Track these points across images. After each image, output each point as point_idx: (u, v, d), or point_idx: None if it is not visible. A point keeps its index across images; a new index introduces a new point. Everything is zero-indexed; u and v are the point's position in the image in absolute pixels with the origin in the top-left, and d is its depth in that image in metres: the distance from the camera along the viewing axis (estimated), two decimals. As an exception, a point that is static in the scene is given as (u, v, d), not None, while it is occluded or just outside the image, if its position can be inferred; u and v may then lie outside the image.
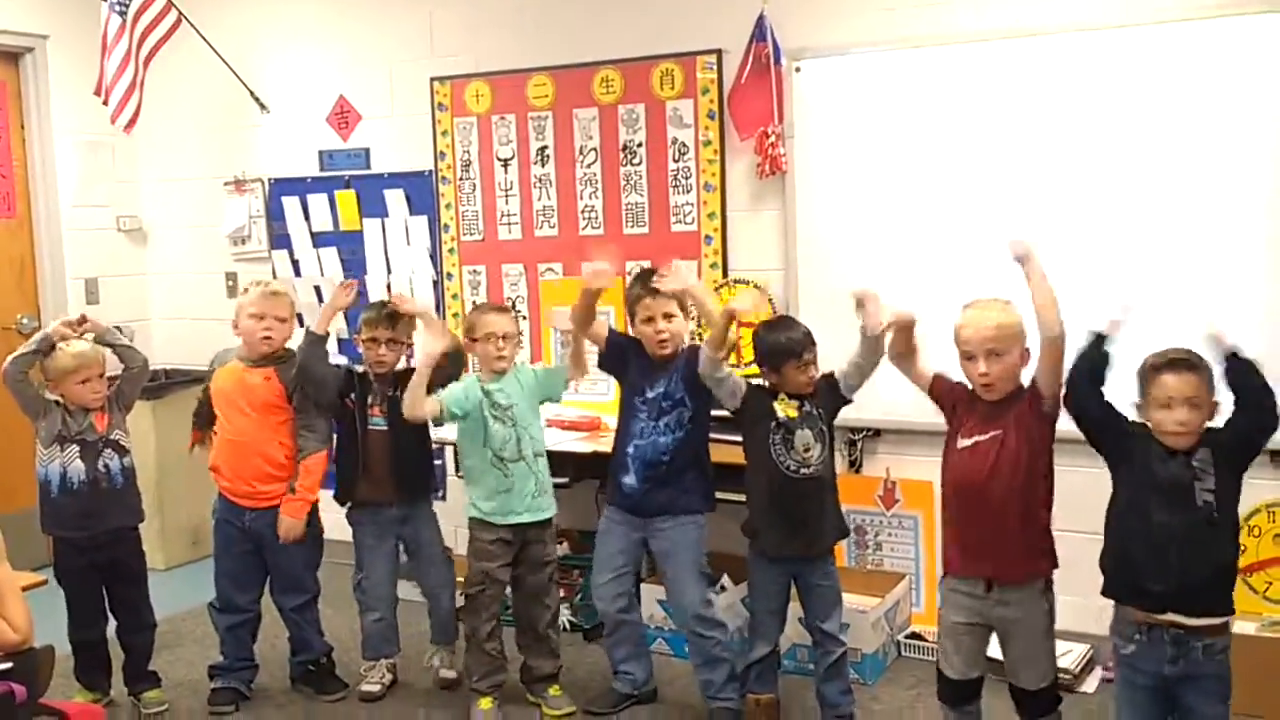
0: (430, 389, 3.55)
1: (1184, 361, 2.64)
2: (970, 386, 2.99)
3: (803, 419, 3.34)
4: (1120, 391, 2.75)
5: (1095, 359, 2.73)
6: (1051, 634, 2.98)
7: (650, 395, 3.56)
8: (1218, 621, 2.64)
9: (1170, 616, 2.62)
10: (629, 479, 3.58)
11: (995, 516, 2.89)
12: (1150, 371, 2.67)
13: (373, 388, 3.85)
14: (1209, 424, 2.65)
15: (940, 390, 3.08)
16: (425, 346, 3.63)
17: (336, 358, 5.25)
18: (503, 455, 3.59)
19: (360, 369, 3.92)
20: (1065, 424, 2.98)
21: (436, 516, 4.01)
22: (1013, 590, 2.92)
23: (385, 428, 3.82)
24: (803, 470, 3.34)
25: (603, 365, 3.76)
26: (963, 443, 2.95)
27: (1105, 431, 2.75)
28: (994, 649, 3.03)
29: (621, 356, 3.65)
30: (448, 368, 3.64)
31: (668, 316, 3.53)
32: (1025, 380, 2.95)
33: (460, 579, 3.92)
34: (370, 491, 3.87)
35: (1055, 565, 2.98)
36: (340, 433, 3.90)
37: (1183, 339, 2.71)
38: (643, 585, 4.08)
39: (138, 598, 3.81)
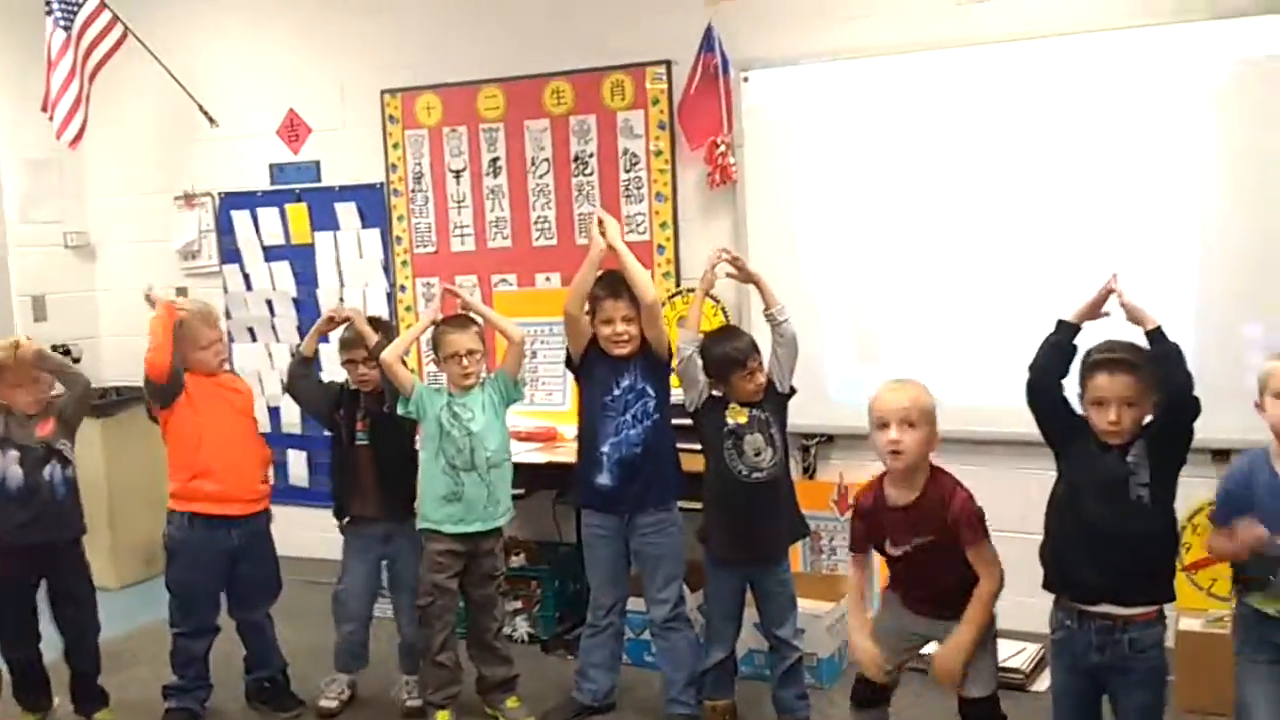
0: None
1: (1121, 361, 2.66)
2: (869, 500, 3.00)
3: (752, 424, 3.38)
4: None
5: (1065, 349, 2.76)
6: (993, 643, 3.02)
7: (617, 392, 3.58)
8: (1150, 610, 2.68)
9: (1104, 608, 2.67)
10: (603, 478, 3.58)
11: (939, 586, 2.93)
12: (1087, 369, 2.71)
13: (359, 404, 3.87)
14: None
15: (858, 527, 3.04)
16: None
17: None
18: (455, 464, 3.59)
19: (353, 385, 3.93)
20: (1013, 426, 3.03)
21: (421, 540, 3.91)
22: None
23: (367, 443, 3.83)
24: (754, 475, 3.37)
25: (574, 365, 3.71)
26: (894, 550, 2.96)
27: (1056, 422, 2.78)
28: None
29: (594, 361, 3.64)
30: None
31: (626, 319, 3.55)
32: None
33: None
34: (358, 507, 3.89)
35: None
36: (332, 448, 3.96)
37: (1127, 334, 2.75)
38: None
39: (84, 617, 3.75)
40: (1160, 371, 2.64)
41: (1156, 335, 2.65)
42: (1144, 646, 2.68)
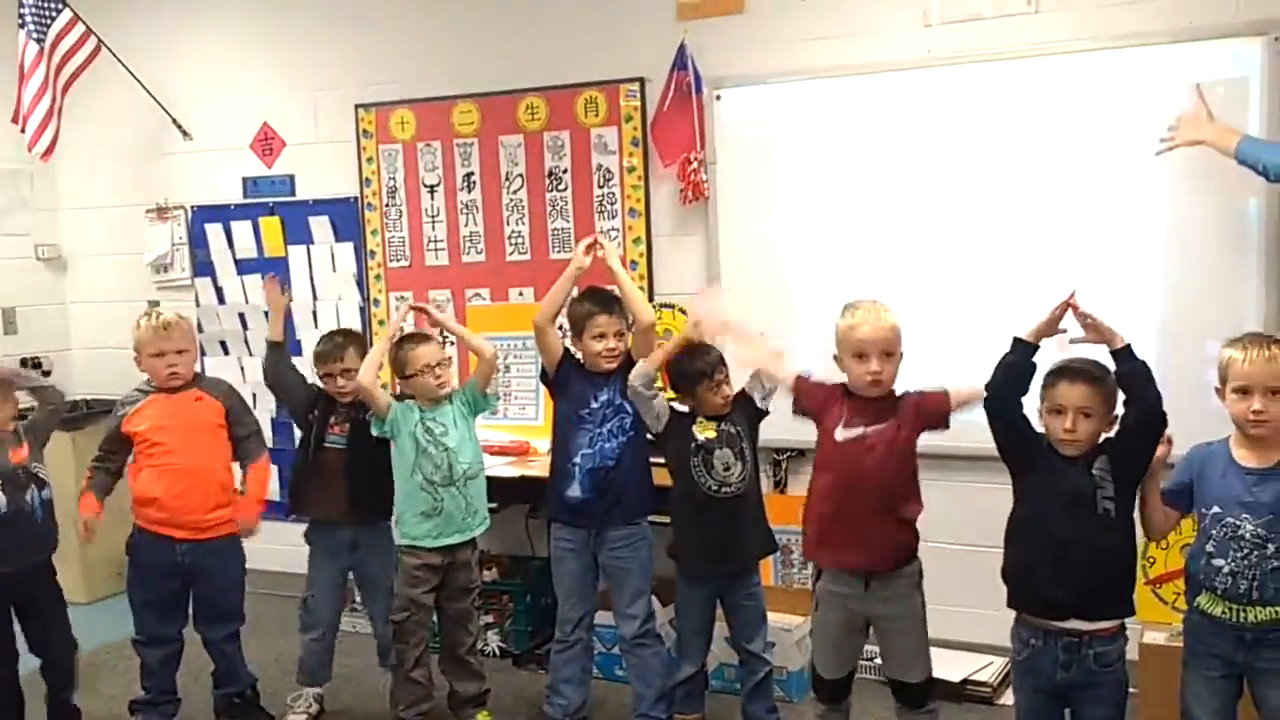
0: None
1: (1081, 371, 2.70)
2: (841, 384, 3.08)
3: (722, 439, 3.40)
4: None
5: (1023, 368, 2.78)
6: (926, 628, 3.09)
7: (594, 405, 3.58)
8: (1114, 624, 2.73)
9: (1071, 624, 2.69)
10: (574, 490, 3.56)
11: (874, 506, 2.97)
12: (1048, 378, 2.74)
13: (337, 408, 3.89)
14: (1105, 435, 2.73)
15: (805, 387, 3.16)
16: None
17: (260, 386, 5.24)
18: (434, 480, 3.60)
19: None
20: (975, 441, 3.07)
21: (392, 545, 3.91)
22: (889, 584, 3.01)
23: (344, 446, 3.86)
24: (724, 489, 3.38)
25: (549, 380, 3.72)
26: (844, 434, 3.01)
27: (1017, 440, 2.81)
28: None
29: (569, 375, 3.65)
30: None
31: (619, 334, 3.58)
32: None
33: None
34: (324, 510, 3.89)
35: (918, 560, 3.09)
36: (298, 448, 3.99)
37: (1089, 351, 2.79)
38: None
39: (57, 634, 3.71)
40: (1130, 390, 2.67)
41: (1125, 353, 2.68)
42: (1109, 661, 2.72)
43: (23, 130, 4.94)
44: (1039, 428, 2.80)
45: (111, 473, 3.77)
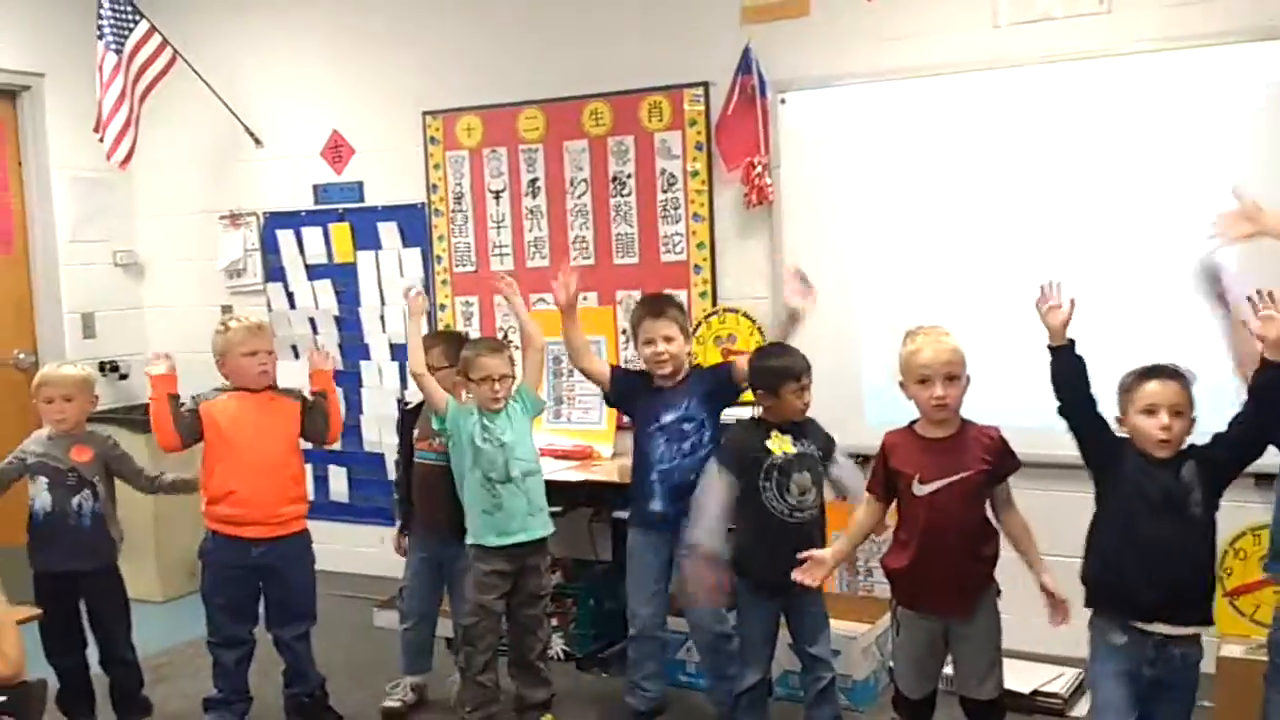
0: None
1: (1172, 371, 2.70)
2: (910, 427, 3.04)
3: (800, 460, 3.32)
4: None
5: (1074, 363, 2.77)
6: (1000, 645, 3.06)
7: (666, 421, 3.63)
8: (1198, 630, 2.71)
9: (1156, 626, 2.68)
10: (656, 504, 3.64)
11: (955, 555, 2.95)
12: (1134, 380, 2.72)
13: (422, 419, 3.95)
14: (1189, 439, 2.71)
15: (877, 480, 3.10)
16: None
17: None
18: (491, 476, 3.63)
19: (410, 405, 4.05)
20: (1047, 449, 3.02)
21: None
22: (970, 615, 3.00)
23: (444, 462, 3.82)
24: (796, 515, 3.29)
25: (613, 403, 3.92)
26: (922, 489, 2.96)
27: (1098, 440, 2.78)
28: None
29: (630, 393, 3.76)
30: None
31: (667, 339, 3.61)
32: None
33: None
34: (419, 525, 4.01)
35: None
36: (404, 468, 4.10)
37: (1159, 356, 2.77)
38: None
39: (116, 636, 3.85)
40: (1267, 399, 2.61)
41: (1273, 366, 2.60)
42: (1193, 661, 2.71)
43: (102, 139, 5.07)
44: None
45: (190, 425, 3.75)
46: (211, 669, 3.87)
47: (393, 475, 4.72)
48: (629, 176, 4.66)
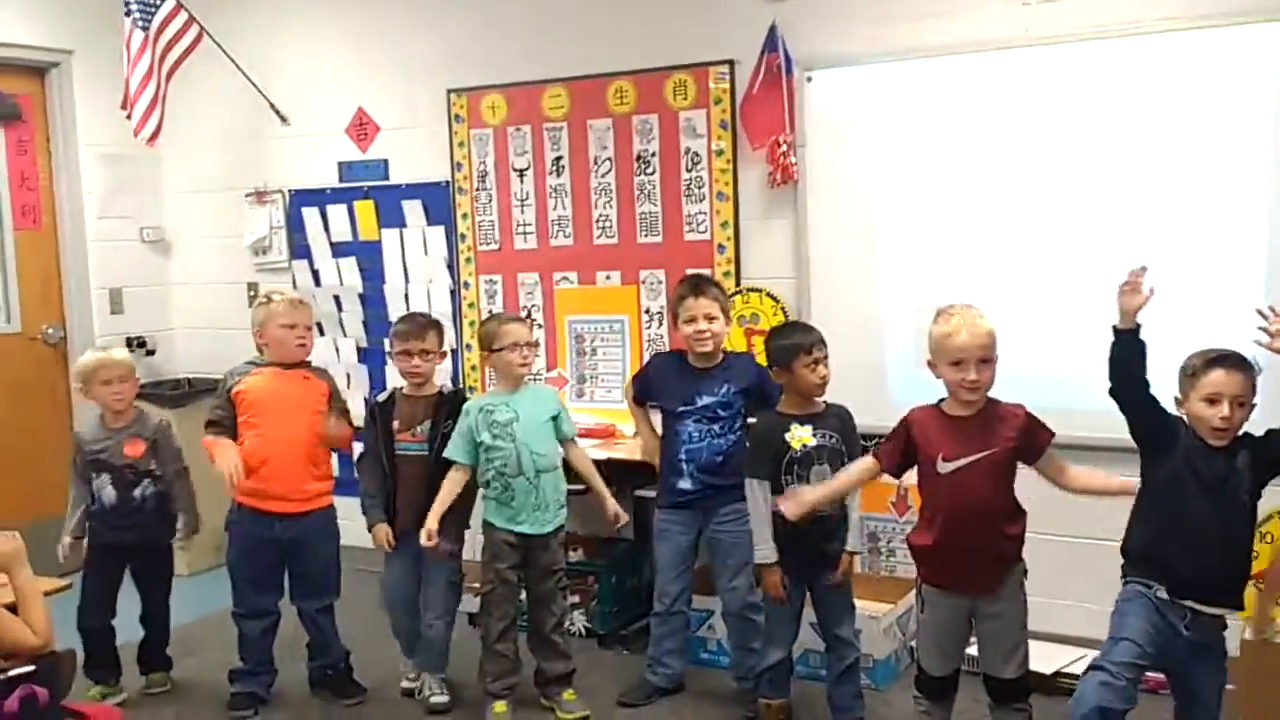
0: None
1: (1237, 359, 2.70)
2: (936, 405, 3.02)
3: (819, 452, 3.33)
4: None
5: (1135, 347, 2.76)
6: (1026, 625, 3.06)
7: (701, 404, 3.68)
8: (1227, 612, 2.76)
9: (1189, 603, 2.71)
10: (684, 482, 3.70)
11: (982, 533, 2.95)
12: (1201, 366, 2.72)
13: (393, 411, 3.84)
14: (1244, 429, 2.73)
15: (891, 450, 3.07)
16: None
17: (353, 367, 5.35)
18: (504, 470, 3.64)
19: (383, 396, 3.93)
20: (1080, 430, 3.00)
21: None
22: (996, 592, 3.00)
23: (425, 452, 3.78)
24: (818, 512, 3.26)
25: (639, 399, 3.96)
26: (946, 466, 2.94)
27: (1151, 420, 2.79)
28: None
29: (654, 385, 3.85)
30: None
31: (709, 318, 3.65)
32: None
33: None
34: (402, 521, 3.82)
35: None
36: (373, 464, 3.88)
37: (1203, 341, 2.78)
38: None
39: (160, 598, 4.04)
40: None
41: None
42: (1223, 628, 2.77)
43: (129, 116, 5.10)
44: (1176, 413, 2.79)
45: (227, 429, 3.85)
46: (237, 640, 3.92)
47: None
48: (653, 155, 4.65)
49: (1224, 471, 2.70)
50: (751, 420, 3.61)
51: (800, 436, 3.33)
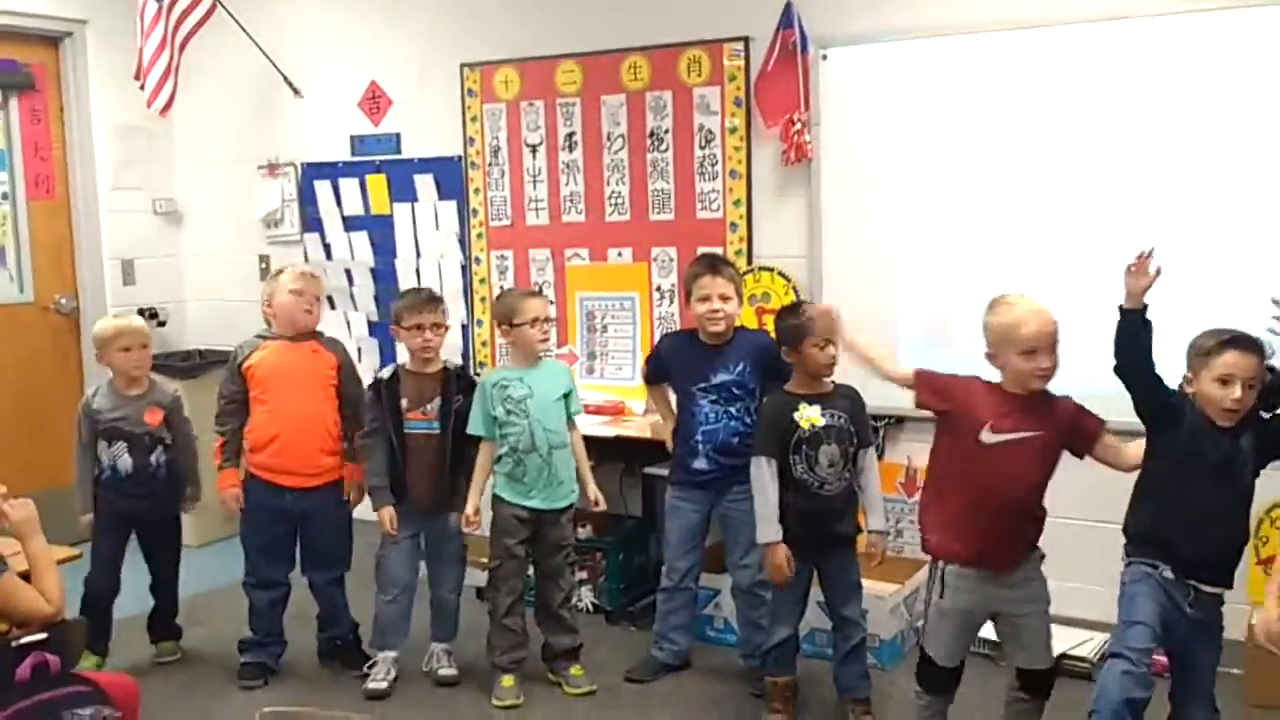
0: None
1: (1250, 341, 2.69)
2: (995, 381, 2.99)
3: (830, 433, 3.32)
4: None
5: (1124, 335, 2.76)
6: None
7: (715, 381, 3.68)
8: (1223, 591, 2.77)
9: (1192, 583, 2.72)
10: (700, 462, 3.71)
11: (1017, 512, 2.94)
12: (1215, 347, 2.70)
13: (399, 389, 3.76)
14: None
15: (938, 384, 3.02)
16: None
17: (364, 340, 5.34)
18: (517, 447, 3.65)
19: (386, 373, 3.84)
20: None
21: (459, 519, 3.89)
22: (1017, 569, 2.97)
23: (439, 431, 3.74)
24: (825, 488, 3.29)
25: (652, 380, 3.96)
26: (993, 438, 2.90)
27: (1155, 399, 2.78)
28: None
29: (668, 364, 3.84)
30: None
31: (724, 297, 3.65)
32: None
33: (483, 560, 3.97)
34: (412, 501, 3.79)
35: None
36: (379, 440, 3.80)
37: (1213, 323, 2.76)
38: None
39: (166, 571, 4.07)
40: None
41: None
42: (1220, 602, 2.77)
43: (142, 87, 5.08)
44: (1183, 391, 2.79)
45: (238, 429, 3.88)
46: (247, 611, 3.95)
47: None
48: (666, 132, 4.64)
49: (1229, 452, 2.70)
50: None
51: (809, 416, 3.33)
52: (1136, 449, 2.91)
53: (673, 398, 3.89)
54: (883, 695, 3.64)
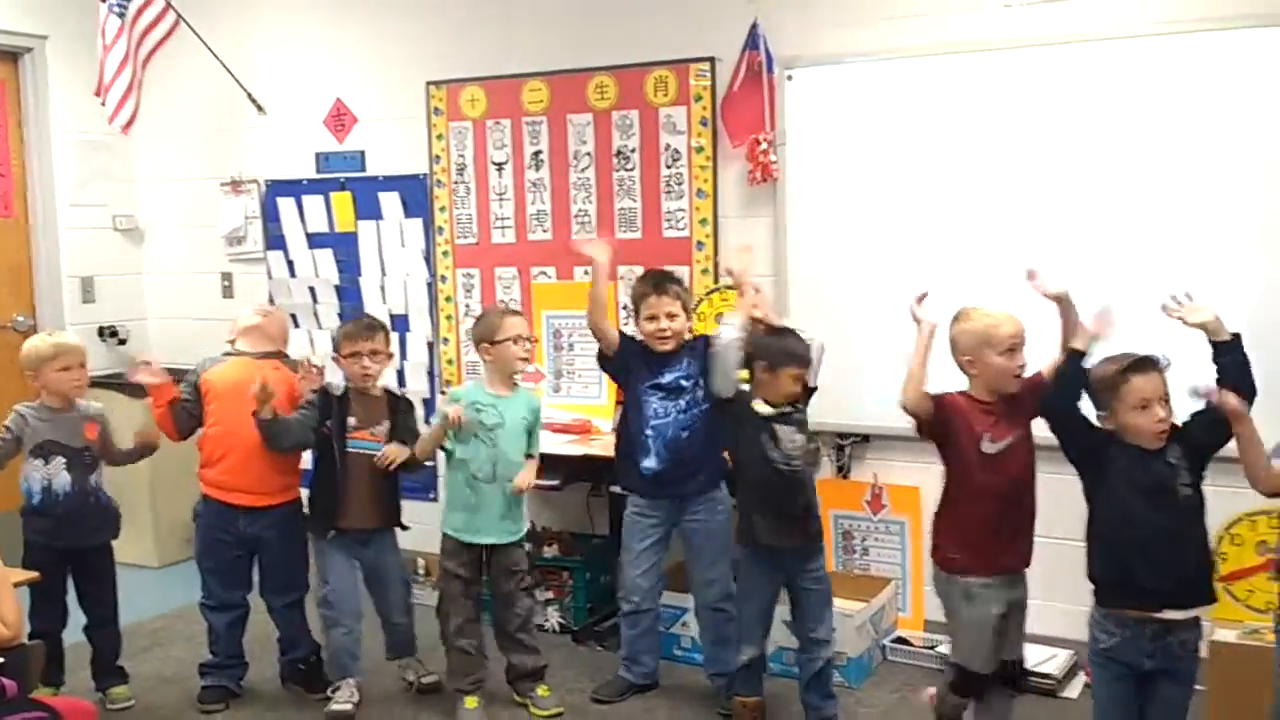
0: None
1: (1150, 361, 2.72)
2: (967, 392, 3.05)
3: (782, 416, 3.38)
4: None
5: (1076, 376, 2.80)
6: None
7: (665, 380, 3.68)
8: (1202, 611, 2.75)
9: (1165, 614, 2.69)
10: (649, 461, 3.67)
11: (1028, 509, 3.06)
12: (1117, 376, 2.72)
13: (348, 408, 3.73)
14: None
15: (954, 403, 3.06)
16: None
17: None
18: (477, 475, 3.62)
19: (339, 389, 3.78)
20: (1045, 431, 3.01)
21: (396, 538, 3.90)
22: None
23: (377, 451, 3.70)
24: (792, 463, 3.35)
25: (607, 365, 3.89)
26: (993, 446, 2.99)
27: (1084, 438, 2.80)
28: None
29: (628, 359, 3.78)
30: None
31: (670, 315, 3.66)
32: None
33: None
34: (347, 519, 3.73)
35: None
36: (319, 459, 3.78)
37: (1171, 344, 2.78)
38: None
39: (103, 610, 3.82)
40: (1228, 380, 2.69)
41: (1233, 344, 2.72)
42: (1192, 645, 2.75)
43: (103, 103, 5.04)
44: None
45: (190, 414, 3.80)
46: (207, 633, 3.89)
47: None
48: (633, 151, 4.64)
49: (1161, 472, 2.70)
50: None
51: (764, 404, 3.39)
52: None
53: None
54: (850, 714, 3.64)
